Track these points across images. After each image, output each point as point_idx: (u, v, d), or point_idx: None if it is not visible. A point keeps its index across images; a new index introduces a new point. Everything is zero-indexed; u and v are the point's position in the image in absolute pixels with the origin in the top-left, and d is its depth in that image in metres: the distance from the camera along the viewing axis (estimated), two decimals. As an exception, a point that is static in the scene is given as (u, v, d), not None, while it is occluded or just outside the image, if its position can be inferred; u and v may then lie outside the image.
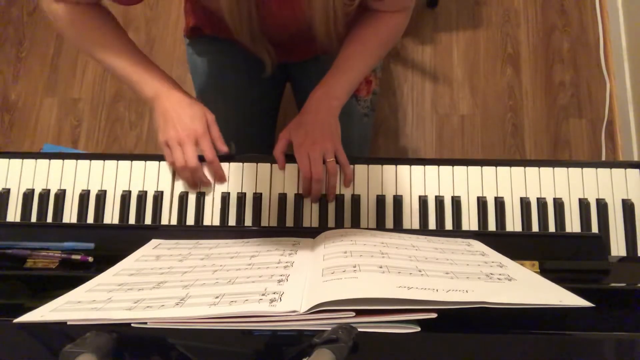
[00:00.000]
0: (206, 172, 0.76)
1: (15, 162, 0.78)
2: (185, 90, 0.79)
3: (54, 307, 0.43)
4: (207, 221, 0.75)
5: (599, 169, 0.75)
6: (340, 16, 0.74)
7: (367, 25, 0.81)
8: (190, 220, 0.75)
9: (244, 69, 1.00)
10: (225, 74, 0.97)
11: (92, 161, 0.78)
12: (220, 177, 0.76)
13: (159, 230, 0.71)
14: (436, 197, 0.75)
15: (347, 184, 0.76)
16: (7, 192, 0.77)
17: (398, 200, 0.75)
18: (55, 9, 0.75)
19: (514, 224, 0.73)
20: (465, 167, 0.76)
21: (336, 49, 0.83)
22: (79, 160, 0.78)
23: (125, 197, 0.76)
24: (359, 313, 0.39)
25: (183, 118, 0.75)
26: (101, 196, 0.76)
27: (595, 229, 0.73)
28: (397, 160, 0.77)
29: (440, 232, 0.72)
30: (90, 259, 0.62)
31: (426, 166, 0.76)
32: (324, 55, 0.99)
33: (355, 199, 0.75)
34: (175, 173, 0.77)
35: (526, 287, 0.45)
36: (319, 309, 0.39)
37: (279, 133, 0.80)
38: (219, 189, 0.76)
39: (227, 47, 0.98)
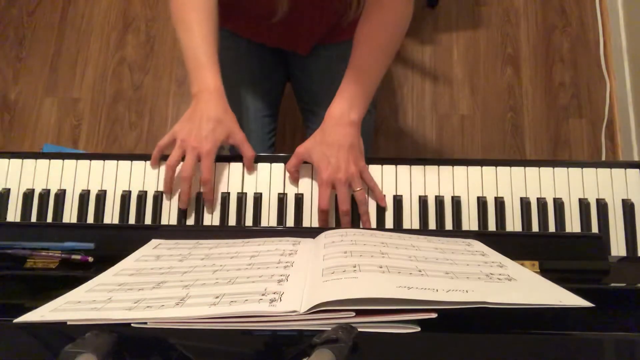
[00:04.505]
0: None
1: (15, 162, 0.78)
2: (226, 103, 0.77)
3: (53, 307, 0.43)
4: (207, 221, 0.75)
5: (599, 169, 0.75)
6: None
7: (372, 20, 0.78)
8: (190, 220, 0.75)
9: (244, 68, 1.00)
10: (225, 73, 0.98)
11: (92, 161, 0.78)
12: (209, 200, 0.74)
13: (159, 230, 0.71)
14: (436, 197, 0.75)
15: (382, 203, 0.74)
16: (7, 192, 0.77)
17: (398, 200, 0.75)
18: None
19: (514, 224, 0.73)
20: (465, 167, 0.76)
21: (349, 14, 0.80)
22: (79, 160, 0.78)
23: (125, 197, 0.76)
24: (359, 313, 0.39)
25: (202, 128, 0.73)
26: (101, 196, 0.76)
27: (595, 229, 0.72)
28: (397, 160, 0.77)
29: (440, 232, 0.72)
30: (90, 259, 0.62)
31: (426, 166, 0.76)
32: (323, 52, 0.99)
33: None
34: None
35: (526, 287, 0.45)
36: (319, 309, 0.39)
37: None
38: (219, 188, 0.76)
39: (228, 44, 0.98)
